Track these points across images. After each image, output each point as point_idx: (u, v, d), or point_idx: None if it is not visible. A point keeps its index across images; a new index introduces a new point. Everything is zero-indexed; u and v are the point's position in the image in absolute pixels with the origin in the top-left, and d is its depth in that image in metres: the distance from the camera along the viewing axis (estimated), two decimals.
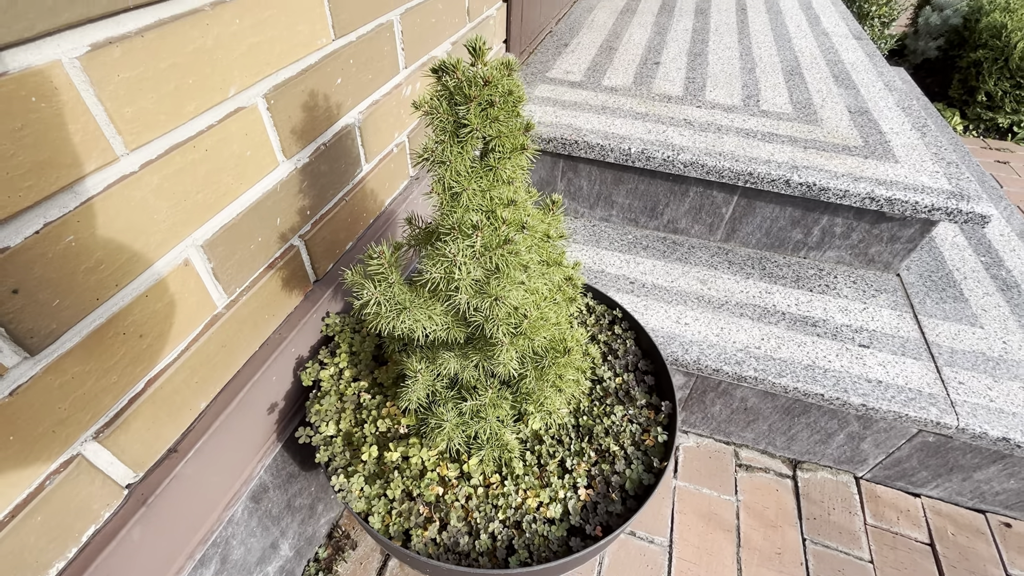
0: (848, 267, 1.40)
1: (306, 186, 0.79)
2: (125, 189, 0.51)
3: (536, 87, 1.58)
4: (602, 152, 1.33)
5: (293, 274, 0.82)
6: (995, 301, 1.32)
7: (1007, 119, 2.72)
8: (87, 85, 0.46)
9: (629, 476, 0.73)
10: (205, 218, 0.62)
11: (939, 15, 2.82)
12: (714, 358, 1.14)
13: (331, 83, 0.79)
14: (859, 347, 1.19)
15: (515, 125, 0.53)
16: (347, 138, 0.87)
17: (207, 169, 0.60)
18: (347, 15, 0.78)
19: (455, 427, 0.69)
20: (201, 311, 0.65)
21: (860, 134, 1.41)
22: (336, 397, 0.78)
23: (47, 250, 0.46)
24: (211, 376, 0.69)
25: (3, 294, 0.43)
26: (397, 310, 0.58)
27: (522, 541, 0.67)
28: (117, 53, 0.48)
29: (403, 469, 0.72)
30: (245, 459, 0.77)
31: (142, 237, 0.54)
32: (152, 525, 0.62)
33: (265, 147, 0.69)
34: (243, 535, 0.80)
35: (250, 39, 0.62)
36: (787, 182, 1.23)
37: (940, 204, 1.17)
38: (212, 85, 0.58)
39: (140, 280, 0.56)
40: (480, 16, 1.32)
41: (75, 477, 0.54)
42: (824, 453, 1.26)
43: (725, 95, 1.58)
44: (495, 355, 0.63)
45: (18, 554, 0.50)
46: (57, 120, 0.44)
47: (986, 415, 1.06)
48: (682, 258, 1.41)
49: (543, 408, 0.72)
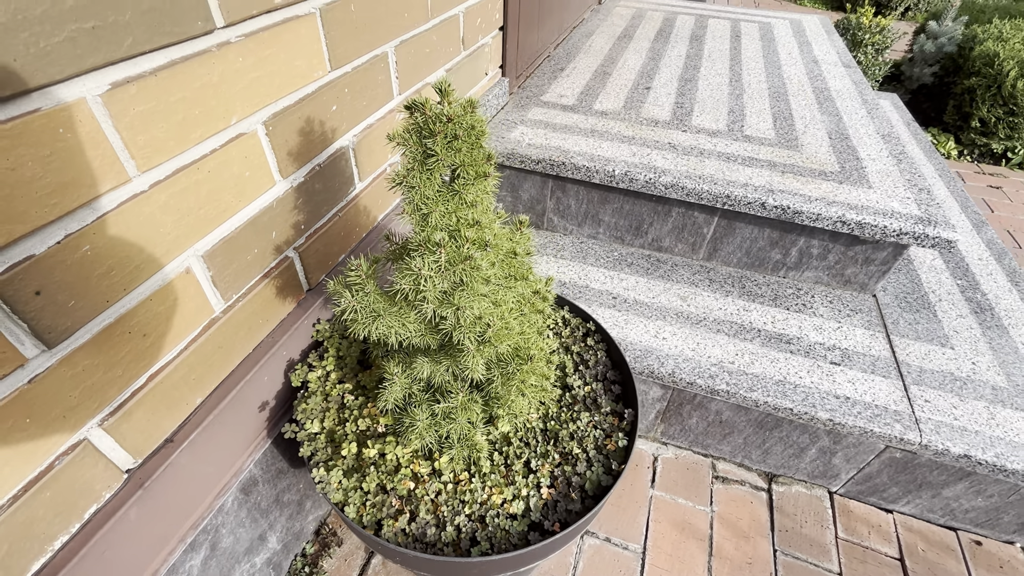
0: (826, 287, 1.45)
1: (301, 203, 0.87)
2: (136, 206, 0.59)
3: (530, 110, 1.66)
4: (588, 173, 1.40)
5: (287, 283, 0.89)
6: (968, 323, 1.36)
7: (1001, 145, 2.76)
8: (107, 117, 0.54)
9: (589, 477, 0.79)
10: (206, 231, 0.70)
11: (934, 43, 2.89)
12: (689, 371, 1.20)
13: (327, 110, 0.87)
14: (830, 364, 1.23)
15: (478, 155, 0.60)
16: (341, 159, 0.95)
17: (209, 188, 0.68)
18: (343, 49, 0.86)
19: (427, 427, 0.75)
20: (200, 315, 0.72)
21: (838, 160, 1.47)
22: (322, 397, 0.84)
23: (66, 258, 0.53)
24: (207, 374, 0.76)
25: (27, 295, 0.50)
26: (372, 317, 0.65)
27: (485, 534, 0.72)
28: (133, 90, 0.55)
29: (379, 465, 0.78)
30: (236, 452, 0.84)
31: (149, 248, 0.62)
32: (148, 508, 0.69)
33: (263, 168, 0.76)
34: (232, 524, 0.87)
35: (252, 74, 0.70)
36: (763, 205, 1.29)
37: (908, 229, 1.22)
38: (216, 114, 0.66)
39: (146, 285, 0.63)
40: (475, 45, 1.40)
41: (81, 459, 0.60)
42: (798, 467, 1.30)
43: (711, 120, 1.65)
44: (463, 361, 0.69)
45: (28, 525, 0.56)
46: (80, 147, 0.52)
47: (949, 432, 1.10)
48: (665, 275, 1.47)
49: (510, 411, 0.78)
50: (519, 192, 1.56)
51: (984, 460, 1.06)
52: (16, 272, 0.49)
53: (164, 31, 0.57)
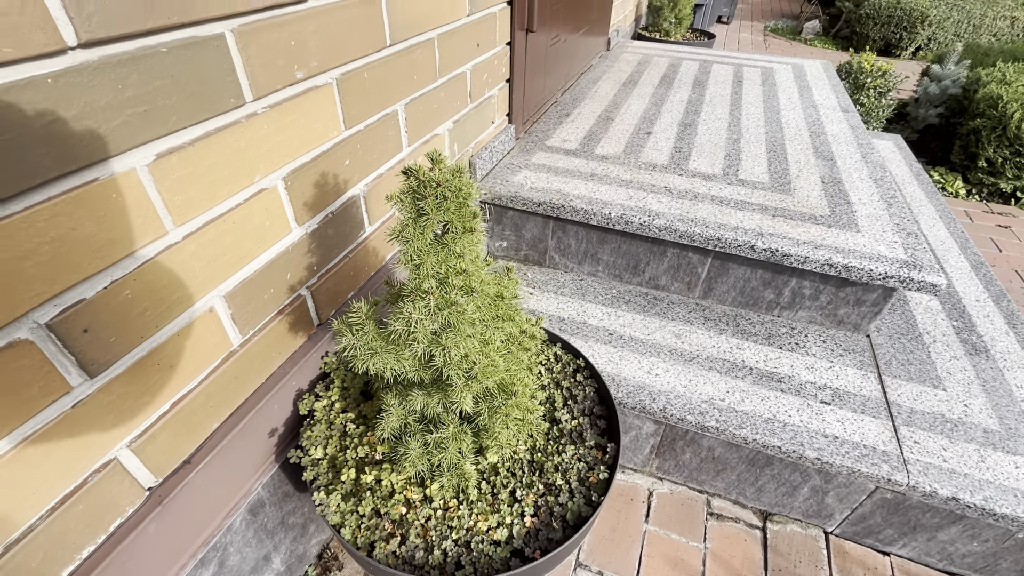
0: (819, 327, 1.49)
1: (314, 247, 0.96)
2: (170, 255, 0.68)
3: (534, 155, 1.77)
4: (586, 216, 1.48)
5: (299, 319, 0.98)
6: (961, 365, 1.38)
7: (1009, 184, 2.77)
8: (151, 183, 0.64)
9: (570, 508, 0.83)
10: (229, 275, 0.79)
11: (937, 85, 2.95)
12: (679, 408, 1.24)
13: (340, 164, 0.97)
14: (820, 403, 1.26)
15: (465, 213, 0.69)
16: (352, 207, 1.05)
17: (233, 237, 0.78)
18: (356, 111, 0.97)
19: (420, 456, 0.81)
20: (219, 348, 0.81)
21: (828, 204, 1.53)
22: (326, 425, 0.92)
23: (111, 301, 0.62)
24: (223, 402, 0.84)
25: (77, 333, 0.59)
26: (370, 353, 0.73)
27: (469, 559, 0.77)
28: (175, 159, 0.66)
29: (375, 490, 0.84)
30: (246, 475, 0.91)
31: (179, 290, 0.71)
32: (166, 523, 0.76)
33: (281, 218, 0.86)
34: (240, 544, 0.93)
35: (275, 138, 0.80)
36: (752, 247, 1.35)
37: (893, 272, 1.27)
38: (242, 174, 0.76)
39: (175, 323, 0.72)
40: (482, 97, 1.52)
41: (111, 476, 0.68)
42: (792, 506, 1.32)
43: (707, 164, 1.73)
44: (453, 395, 0.76)
45: (62, 535, 0.64)
46: (128, 208, 0.62)
47: (937, 474, 1.11)
48: (661, 313, 1.52)
49: (496, 442, 0.84)
50: (522, 232, 1.65)
51: (973, 503, 1.07)
52: (69, 313, 0.58)
53: (203, 109, 0.67)
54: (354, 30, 0.91)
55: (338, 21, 0.87)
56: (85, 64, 0.54)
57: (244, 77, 0.72)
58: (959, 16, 5.25)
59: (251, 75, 0.73)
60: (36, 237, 0.53)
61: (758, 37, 6.19)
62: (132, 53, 0.58)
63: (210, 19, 0.66)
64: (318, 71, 0.85)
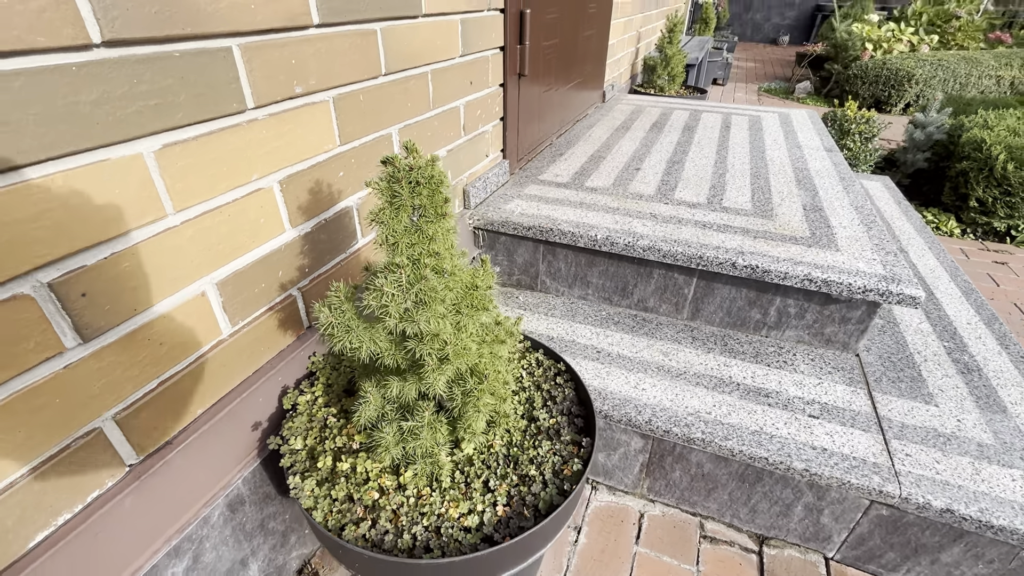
0: (808, 346, 1.49)
1: (307, 249, 1.03)
2: (168, 237, 0.75)
3: (527, 187, 1.86)
4: (573, 238, 1.55)
5: (289, 318, 1.03)
6: (954, 383, 1.37)
7: (1003, 223, 2.81)
8: (156, 169, 0.71)
9: (543, 497, 0.83)
10: (222, 264, 0.85)
11: (923, 131, 3.07)
12: (665, 420, 1.24)
13: (334, 175, 1.06)
14: (808, 417, 1.25)
15: (437, 199, 0.75)
16: (346, 217, 1.12)
17: (228, 228, 0.84)
18: (351, 128, 1.07)
19: (395, 442, 0.83)
20: (209, 334, 0.86)
21: (809, 227, 1.58)
22: (307, 418, 0.94)
23: (109, 271, 0.68)
24: (210, 388, 0.88)
25: (76, 295, 0.65)
26: (346, 331, 0.77)
27: (438, 543, 0.77)
28: (179, 150, 0.74)
29: (350, 477, 0.85)
30: (227, 466, 0.93)
31: (174, 271, 0.77)
32: (142, 501, 0.78)
33: (275, 217, 0.93)
34: (216, 540, 0.93)
35: (273, 143, 0.89)
36: (733, 264, 1.39)
37: (872, 286, 1.29)
38: (240, 172, 0.84)
39: (167, 302, 0.77)
40: (475, 131, 1.63)
41: (94, 445, 0.71)
42: (788, 528, 1.27)
43: (692, 194, 1.81)
44: (427, 378, 0.79)
45: (41, 496, 0.66)
46: (134, 189, 0.69)
47: (930, 486, 1.08)
48: (649, 333, 1.54)
49: (471, 431, 0.86)
50: (514, 256, 1.71)
51: (968, 515, 1.04)
52: (70, 277, 0.64)
53: (207, 109, 0.76)
54: (351, 57, 1.02)
55: (336, 48, 0.98)
56: (106, 59, 0.63)
57: (247, 86, 0.82)
58: (944, 75, 5.50)
59: (253, 84, 0.82)
60: (48, 202, 0.60)
61: (752, 96, 6.51)
62: (148, 54, 0.67)
63: (219, 34, 0.76)
64: (316, 89, 0.95)
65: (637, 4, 3.75)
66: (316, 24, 0.92)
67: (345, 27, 0.99)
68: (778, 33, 11.18)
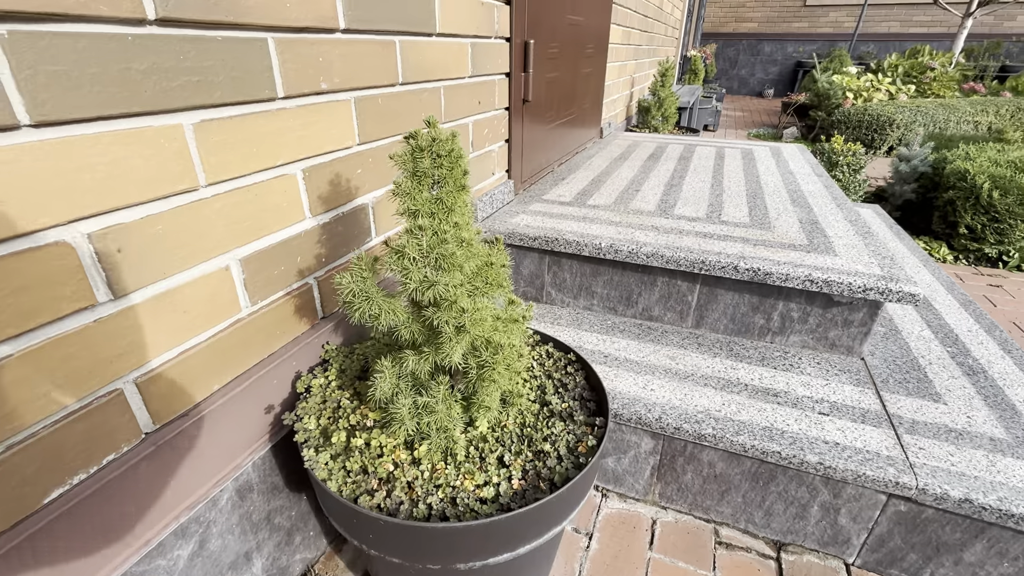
0: (813, 351, 1.51)
1: (324, 239, 1.06)
2: (199, 206, 0.78)
3: (532, 204, 1.92)
4: (578, 247, 1.59)
5: (305, 305, 1.05)
6: (960, 383, 1.37)
7: (993, 249, 2.88)
8: (192, 140, 0.76)
9: (558, 471, 0.83)
10: (246, 241, 0.88)
11: (908, 164, 3.19)
12: (675, 417, 1.23)
13: (353, 171, 1.11)
14: (819, 415, 1.25)
15: (457, 172, 0.79)
16: (361, 213, 1.17)
17: (254, 208, 0.88)
18: (370, 129, 1.13)
19: (410, 415, 0.83)
20: (230, 309, 0.88)
21: (806, 237, 1.63)
22: (320, 399, 0.94)
23: (144, 231, 0.71)
24: (227, 364, 0.89)
25: (112, 250, 0.68)
26: (367, 300, 0.79)
27: (454, 512, 0.76)
28: (215, 126, 0.78)
29: (364, 452, 0.85)
30: (239, 447, 0.92)
31: (202, 241, 0.80)
32: (155, 468, 0.77)
33: (297, 204, 0.97)
34: (223, 527, 0.91)
35: (299, 132, 0.94)
36: (735, 268, 1.43)
37: (872, 284, 1.32)
38: (268, 155, 0.89)
39: (194, 270, 0.80)
40: (483, 149, 1.71)
41: (114, 406, 0.72)
42: (805, 532, 1.24)
43: (692, 210, 1.87)
44: (444, 349, 0.81)
45: (60, 451, 0.66)
46: (171, 157, 0.73)
47: (946, 476, 1.07)
48: (655, 340, 1.56)
49: (485, 405, 0.86)
50: (520, 268, 1.75)
51: (987, 504, 1.02)
52: (109, 231, 0.67)
53: (243, 92, 0.82)
54: (372, 62, 1.09)
55: (359, 52, 1.05)
56: (158, 34, 0.68)
57: (279, 75, 0.88)
58: (924, 120, 5.76)
59: (284, 75, 0.89)
60: (97, 157, 0.64)
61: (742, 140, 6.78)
62: (194, 36, 0.73)
63: (257, 26, 0.82)
64: (340, 88, 1.02)
65: (630, 51, 3.99)
66: (343, 29, 1.00)
67: (368, 36, 1.07)
68: (763, 87, 11.77)
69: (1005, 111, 5.98)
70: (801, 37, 10.93)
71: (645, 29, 4.40)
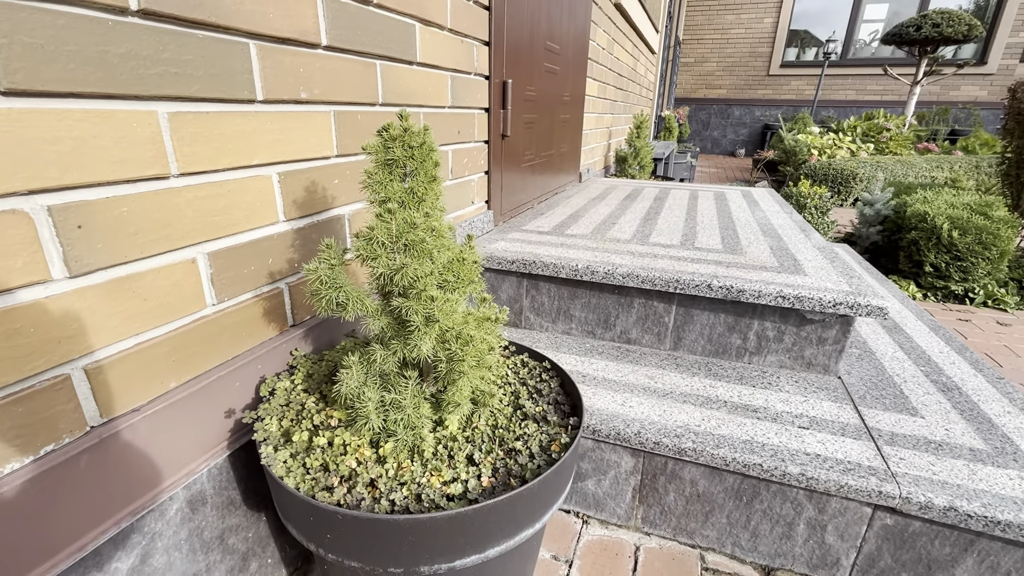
0: (790, 370, 1.51)
1: (298, 244, 1.06)
2: (168, 195, 0.78)
3: (510, 233, 1.96)
4: (555, 269, 1.60)
5: (275, 310, 1.03)
6: (936, 399, 1.37)
7: (959, 286, 2.98)
8: (167, 130, 0.77)
9: (530, 468, 0.79)
10: (216, 235, 0.87)
11: (872, 208, 3.35)
12: (654, 432, 1.20)
13: (330, 181, 1.13)
14: (799, 428, 1.23)
15: (429, 163, 0.81)
16: (337, 223, 1.17)
17: (225, 203, 0.88)
18: (347, 142, 1.16)
19: (376, 411, 0.80)
20: (194, 303, 0.85)
21: (777, 260, 1.67)
22: (284, 400, 0.90)
23: (108, 211, 0.70)
24: (187, 362, 0.85)
25: (72, 226, 0.67)
26: (335, 288, 0.78)
27: (418, 508, 0.71)
28: (190, 118, 0.80)
29: (327, 450, 0.80)
30: (193, 451, 0.86)
31: (169, 230, 0.79)
32: (98, 465, 0.72)
33: (271, 205, 0.98)
34: (170, 541, 0.84)
35: (275, 135, 0.96)
36: (709, 286, 1.45)
37: (841, 299, 1.35)
38: (243, 153, 0.90)
39: (159, 258, 0.78)
40: (462, 177, 1.76)
41: (58, 392, 0.68)
42: (794, 554, 1.19)
43: (667, 239, 1.92)
44: (411, 338, 0.79)
45: None
46: (144, 140, 0.74)
47: (929, 485, 1.05)
48: (634, 361, 1.55)
49: (455, 400, 0.83)
50: (498, 292, 1.75)
51: (973, 512, 1.00)
52: (70, 205, 0.66)
53: (220, 89, 0.84)
54: (353, 80, 1.14)
55: (340, 69, 1.10)
56: (138, 24, 0.71)
57: (259, 79, 0.91)
58: (885, 174, 6.10)
59: (264, 79, 0.92)
60: (65, 131, 0.64)
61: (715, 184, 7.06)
62: (175, 30, 0.76)
63: (239, 31, 0.86)
64: (320, 99, 1.06)
65: (607, 105, 4.22)
66: (324, 45, 1.05)
67: (349, 55, 1.12)
68: (735, 147, 12.44)
69: (959, 167, 6.37)
70: (767, 103, 11.70)
71: (620, 87, 4.68)
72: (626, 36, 4.60)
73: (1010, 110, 3.41)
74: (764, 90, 11.63)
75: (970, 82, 9.75)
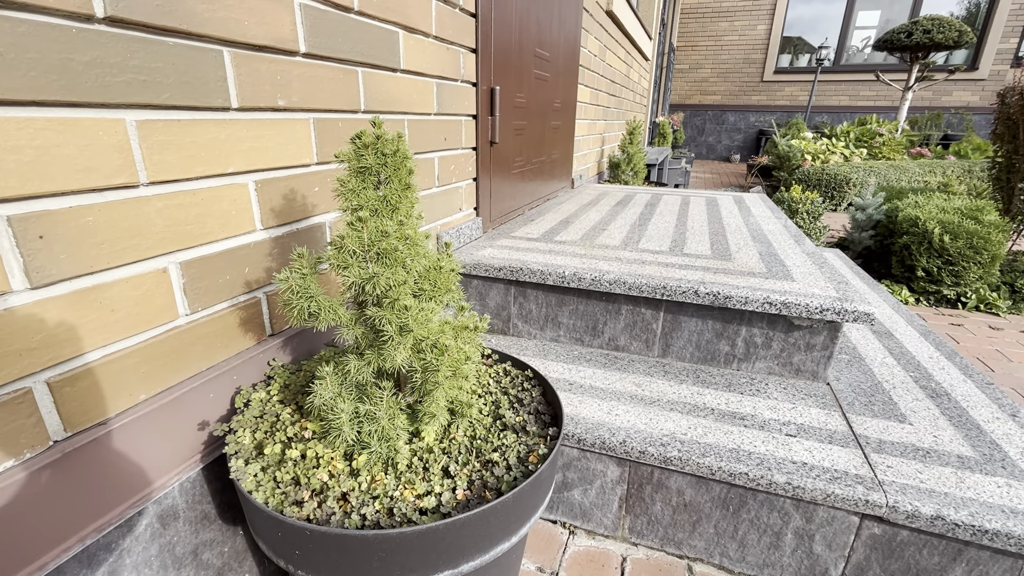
0: (779, 377, 1.49)
1: (276, 253, 1.05)
2: (137, 203, 0.77)
3: (499, 240, 1.95)
4: (542, 276, 1.59)
5: (252, 320, 1.01)
6: (925, 405, 1.36)
7: (951, 291, 2.97)
8: (135, 138, 0.76)
9: (506, 480, 0.77)
10: (188, 245, 0.86)
11: (863, 213, 3.35)
12: (640, 441, 1.19)
13: (310, 189, 1.11)
14: (786, 436, 1.22)
15: (403, 171, 0.80)
16: (318, 231, 1.16)
17: (199, 212, 0.87)
18: (328, 150, 1.15)
19: (350, 422, 0.79)
20: (165, 313, 0.84)
21: (765, 266, 1.67)
22: (259, 411, 0.89)
23: (72, 221, 0.69)
24: (157, 373, 0.84)
25: (33, 236, 0.65)
26: (307, 297, 0.77)
27: (390, 523, 0.70)
28: (160, 126, 0.79)
29: (299, 463, 0.79)
30: (164, 465, 0.85)
31: (138, 239, 0.78)
32: (62, 480, 0.70)
33: (247, 213, 0.97)
34: (139, 557, 0.82)
35: (251, 144, 0.95)
36: (696, 292, 1.44)
37: (828, 305, 1.34)
38: (216, 161, 0.89)
39: (128, 268, 0.77)
40: (449, 184, 1.75)
41: (19, 405, 0.66)
42: (782, 564, 1.17)
43: (656, 245, 1.91)
44: (386, 348, 0.78)
45: None
46: (109, 149, 0.73)
47: (916, 494, 1.04)
48: (621, 368, 1.53)
49: (430, 411, 0.82)
50: (486, 300, 1.74)
51: (960, 521, 0.98)
52: (31, 215, 0.65)
53: (192, 97, 0.83)
54: (333, 88, 1.13)
55: (320, 76, 1.09)
56: (104, 31, 0.70)
57: (233, 87, 0.90)
58: (877, 179, 6.13)
59: (239, 87, 0.91)
60: (26, 139, 0.63)
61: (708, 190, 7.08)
62: (144, 37, 0.75)
63: (212, 38, 0.85)
64: (299, 107, 1.05)
65: (599, 111, 4.23)
66: (303, 53, 1.04)
67: (329, 63, 1.12)
68: (730, 153, 12.50)
69: (951, 172, 6.41)
70: (761, 108, 11.76)
71: (613, 93, 4.70)
72: (619, 43, 4.62)
73: (999, 115, 3.43)
74: (758, 96, 11.70)
75: (962, 87, 9.82)
